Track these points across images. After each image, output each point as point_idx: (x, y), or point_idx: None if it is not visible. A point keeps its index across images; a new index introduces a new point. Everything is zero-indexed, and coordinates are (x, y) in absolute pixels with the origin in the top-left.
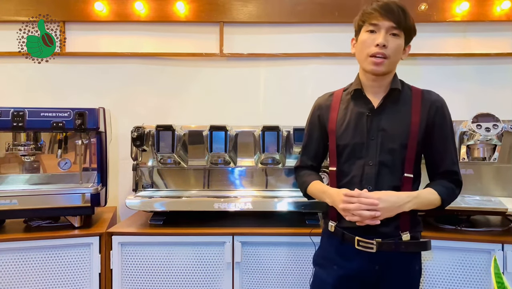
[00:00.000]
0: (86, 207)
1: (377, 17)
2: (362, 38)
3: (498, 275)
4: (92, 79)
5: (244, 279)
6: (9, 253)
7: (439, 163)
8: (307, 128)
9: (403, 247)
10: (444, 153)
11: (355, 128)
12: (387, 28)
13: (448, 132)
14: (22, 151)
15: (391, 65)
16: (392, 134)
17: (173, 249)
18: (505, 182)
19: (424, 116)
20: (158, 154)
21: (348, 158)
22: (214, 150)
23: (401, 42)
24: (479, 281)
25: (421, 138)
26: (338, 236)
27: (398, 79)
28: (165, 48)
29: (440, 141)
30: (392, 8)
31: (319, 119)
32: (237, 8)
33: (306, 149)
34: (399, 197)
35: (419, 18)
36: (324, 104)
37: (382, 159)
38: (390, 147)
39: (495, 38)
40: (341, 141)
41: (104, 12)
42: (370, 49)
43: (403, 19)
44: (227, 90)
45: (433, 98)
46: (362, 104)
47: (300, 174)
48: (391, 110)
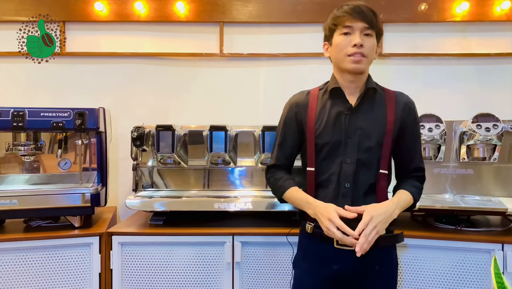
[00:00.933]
0: (86, 207)
1: (350, 20)
2: (337, 41)
3: (498, 275)
4: (92, 79)
5: (244, 279)
6: (9, 253)
7: (410, 160)
8: (282, 126)
9: (380, 241)
10: (414, 151)
11: (334, 127)
12: (361, 29)
13: (418, 132)
14: (22, 151)
15: (368, 63)
16: (369, 132)
17: (173, 249)
18: (505, 182)
19: (398, 116)
20: (158, 154)
21: (326, 156)
22: (214, 150)
23: (375, 41)
24: (479, 281)
25: (395, 137)
26: (317, 236)
27: (372, 79)
28: (165, 48)
29: (411, 141)
30: (363, 10)
31: (295, 116)
32: (237, 8)
33: (282, 147)
34: (387, 206)
35: (419, 18)
36: (302, 103)
37: (359, 156)
38: (367, 145)
39: (495, 38)
40: (320, 140)
41: (104, 12)
42: (347, 49)
43: (374, 20)
44: (227, 90)
45: (405, 99)
46: (340, 103)
47: (275, 176)
48: (367, 110)
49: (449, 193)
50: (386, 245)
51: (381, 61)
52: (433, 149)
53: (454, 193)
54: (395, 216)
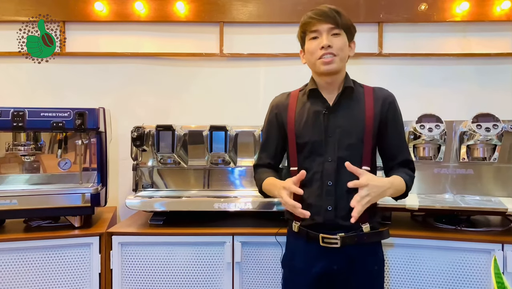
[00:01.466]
0: (86, 207)
1: (315, 24)
2: (308, 46)
3: (498, 275)
4: (92, 79)
5: (244, 279)
6: (9, 253)
7: (396, 154)
8: (265, 128)
9: (365, 238)
10: (400, 145)
11: (313, 126)
12: (327, 30)
13: (401, 125)
14: (22, 151)
15: (341, 62)
16: (348, 130)
17: (173, 249)
18: (505, 182)
19: (378, 111)
20: (158, 154)
21: (308, 156)
22: (214, 150)
23: (344, 39)
24: (479, 281)
25: (376, 132)
26: (303, 235)
27: (349, 78)
28: (165, 48)
29: (395, 135)
30: (327, 12)
31: (276, 118)
32: (237, 8)
33: (265, 148)
34: (383, 181)
35: (419, 18)
36: (282, 104)
37: (340, 154)
38: (348, 142)
39: (495, 38)
40: (301, 140)
41: (104, 12)
42: (317, 53)
43: (339, 19)
44: (227, 90)
45: (384, 94)
46: (318, 103)
47: (257, 171)
48: (346, 108)
49: (449, 193)
50: (371, 241)
51: (381, 61)
52: (433, 149)
53: (454, 193)
54: (387, 195)
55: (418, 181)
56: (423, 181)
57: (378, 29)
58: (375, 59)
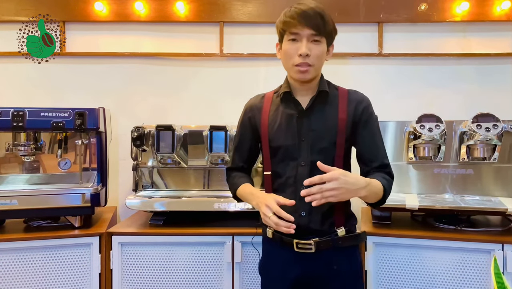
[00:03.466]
0: (86, 207)
1: (296, 26)
2: (285, 47)
3: (498, 275)
4: (92, 79)
5: (244, 279)
6: (9, 253)
7: (371, 158)
8: (238, 130)
9: (340, 242)
10: (375, 148)
11: (287, 130)
12: (308, 36)
13: (375, 129)
14: (22, 151)
15: (316, 71)
16: (321, 134)
17: (173, 249)
18: (505, 182)
19: (351, 114)
20: (158, 154)
21: (281, 160)
22: (214, 150)
23: (323, 47)
24: (479, 281)
25: (349, 135)
26: (277, 241)
27: (325, 81)
28: (165, 48)
29: (369, 138)
30: (310, 15)
31: (250, 121)
32: (237, 8)
33: (238, 150)
34: (358, 179)
35: (419, 18)
36: (256, 106)
37: (313, 158)
38: (321, 146)
39: (495, 38)
40: (274, 144)
41: (104, 12)
42: (294, 59)
43: (322, 26)
44: (227, 90)
45: (358, 97)
46: (291, 106)
47: (231, 175)
48: (319, 111)
49: (449, 193)
50: (347, 246)
51: (381, 61)
52: (433, 149)
53: (454, 193)
54: (360, 194)
55: (418, 181)
56: (423, 181)
57: (378, 29)
58: (375, 59)
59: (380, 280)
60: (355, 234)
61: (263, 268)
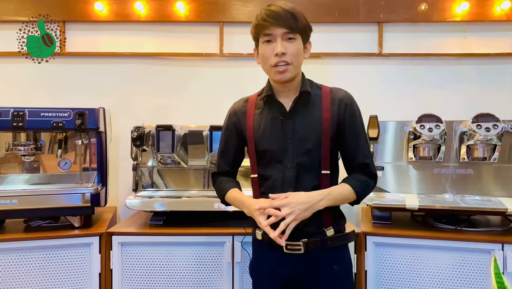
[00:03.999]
0: (86, 207)
1: (269, 27)
2: (262, 50)
3: (498, 275)
4: (92, 79)
5: (244, 279)
6: (9, 253)
7: (353, 157)
8: (223, 134)
9: (328, 242)
10: (356, 147)
11: (271, 133)
12: (282, 35)
13: (358, 127)
14: (22, 151)
15: (295, 69)
16: (306, 135)
17: (173, 249)
18: (505, 182)
19: (335, 113)
20: (158, 154)
21: (268, 163)
22: (214, 149)
23: (299, 44)
24: (479, 281)
25: (333, 135)
26: (266, 243)
27: (306, 81)
28: (165, 48)
29: (351, 137)
30: (281, 14)
31: (235, 125)
32: (237, 8)
33: (223, 155)
34: (310, 196)
35: (419, 18)
36: (240, 111)
37: (299, 160)
38: (306, 147)
39: (495, 38)
40: (260, 147)
41: (104, 12)
42: (271, 60)
43: (294, 23)
44: (227, 90)
45: (341, 95)
46: (275, 109)
47: (217, 180)
48: (303, 112)
49: (449, 193)
50: (335, 245)
51: (381, 61)
52: (433, 149)
53: (454, 193)
54: (320, 207)
55: (418, 181)
56: (423, 181)
57: (378, 29)
58: (375, 59)
59: (380, 280)
60: (344, 234)
61: (253, 269)
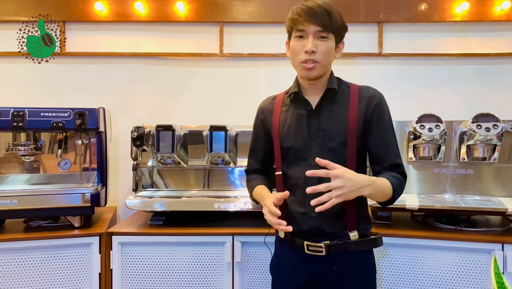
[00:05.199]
0: (86, 207)
1: (303, 23)
2: (292, 44)
3: (498, 275)
4: (92, 79)
5: (244, 279)
6: (9, 253)
7: (383, 157)
8: (253, 133)
9: (352, 246)
10: (386, 147)
11: (296, 130)
12: (314, 33)
13: (388, 126)
14: (22, 151)
15: (324, 68)
16: (331, 133)
17: (173, 249)
18: (505, 182)
19: (362, 112)
20: (158, 154)
21: (292, 160)
22: (214, 150)
23: (331, 44)
24: (479, 281)
25: (360, 134)
26: (288, 242)
27: (334, 78)
28: (165, 48)
29: (381, 136)
30: (316, 11)
31: (262, 123)
32: (237, 8)
33: (253, 153)
34: (360, 177)
35: (419, 18)
36: (267, 108)
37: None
38: (331, 146)
39: (495, 38)
40: (284, 144)
41: (104, 12)
42: (300, 56)
43: (328, 22)
44: (227, 90)
45: (370, 93)
46: (301, 106)
47: (248, 178)
48: (328, 110)
49: (449, 193)
50: (359, 250)
51: (381, 61)
52: (433, 149)
53: (454, 193)
54: (365, 193)
55: (418, 181)
56: (423, 181)
57: (378, 29)
58: (375, 59)
59: (380, 280)
60: (369, 239)
61: (274, 268)
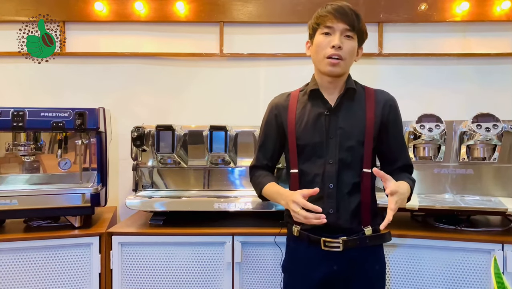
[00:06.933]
0: (86, 207)
1: (332, 20)
2: (318, 40)
3: (498, 275)
4: (92, 79)
5: (244, 279)
6: (9, 253)
7: (396, 158)
8: (263, 128)
9: (367, 241)
10: (400, 149)
11: (314, 128)
12: (341, 31)
13: (401, 129)
14: (22, 151)
15: (346, 66)
16: (349, 132)
17: (173, 249)
18: (505, 182)
19: (378, 114)
20: (158, 154)
21: (308, 158)
22: (214, 150)
23: (355, 44)
24: (479, 281)
25: (376, 135)
26: (304, 239)
27: (352, 79)
28: (165, 48)
29: (395, 138)
30: (346, 11)
31: (275, 118)
32: (237, 8)
33: (262, 148)
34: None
35: (419, 18)
36: (281, 105)
37: (341, 156)
38: (349, 144)
39: (495, 38)
40: (301, 141)
41: (104, 12)
42: (326, 50)
43: (356, 22)
44: (227, 90)
45: (386, 97)
46: (319, 104)
47: (256, 174)
48: (347, 109)
49: (449, 193)
50: (373, 245)
51: (381, 61)
52: (433, 149)
53: (454, 193)
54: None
55: (418, 181)
56: (423, 181)
57: (378, 29)
58: (375, 59)
59: None
60: (382, 234)
61: (288, 266)
